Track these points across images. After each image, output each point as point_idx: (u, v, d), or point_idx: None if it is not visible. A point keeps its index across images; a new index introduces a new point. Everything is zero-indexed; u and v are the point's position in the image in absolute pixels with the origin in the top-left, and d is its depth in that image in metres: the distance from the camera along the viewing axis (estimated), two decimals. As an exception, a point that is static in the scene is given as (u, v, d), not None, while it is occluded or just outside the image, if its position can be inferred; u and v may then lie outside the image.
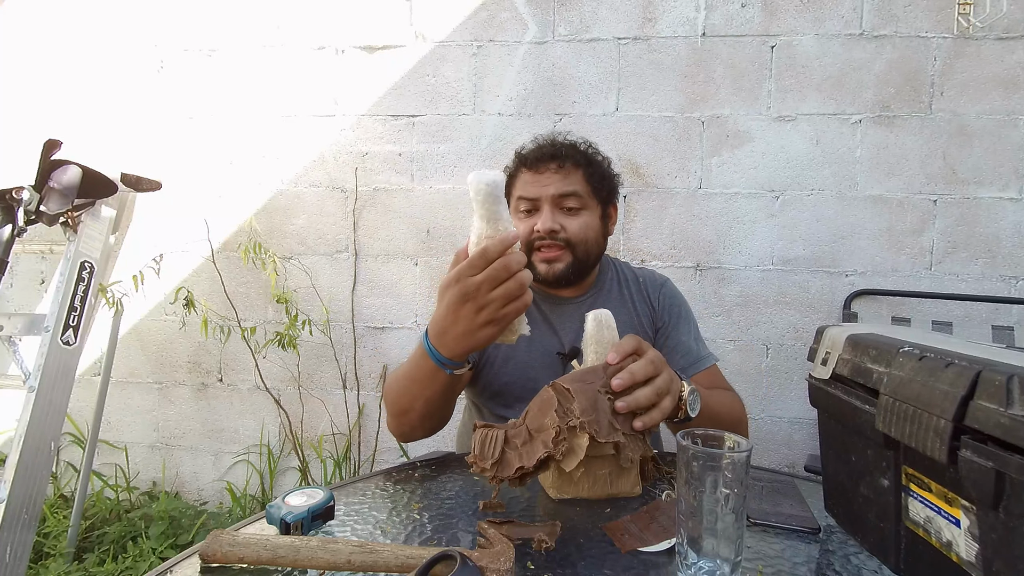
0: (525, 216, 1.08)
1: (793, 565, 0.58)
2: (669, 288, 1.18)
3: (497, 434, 0.67)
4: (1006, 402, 0.40)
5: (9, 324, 1.63)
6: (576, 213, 1.06)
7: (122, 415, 2.11)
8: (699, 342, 1.15)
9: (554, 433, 0.64)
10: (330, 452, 2.01)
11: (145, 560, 1.69)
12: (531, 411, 0.70)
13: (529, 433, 0.68)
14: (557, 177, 1.06)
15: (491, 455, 0.65)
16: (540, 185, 1.06)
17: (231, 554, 0.54)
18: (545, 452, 0.64)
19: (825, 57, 1.74)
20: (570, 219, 1.05)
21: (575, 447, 0.65)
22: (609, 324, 0.77)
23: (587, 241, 1.06)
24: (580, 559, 0.58)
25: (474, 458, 0.66)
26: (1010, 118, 1.68)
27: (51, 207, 1.57)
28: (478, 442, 0.67)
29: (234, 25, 1.97)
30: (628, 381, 0.68)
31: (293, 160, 1.98)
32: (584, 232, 1.06)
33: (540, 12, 1.84)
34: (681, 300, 1.18)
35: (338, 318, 1.99)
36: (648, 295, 1.16)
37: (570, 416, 0.66)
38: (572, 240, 1.05)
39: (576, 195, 1.06)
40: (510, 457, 0.66)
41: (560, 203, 1.05)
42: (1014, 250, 1.70)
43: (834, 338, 0.64)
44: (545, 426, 0.66)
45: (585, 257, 1.07)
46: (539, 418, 0.68)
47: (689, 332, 1.14)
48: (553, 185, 1.05)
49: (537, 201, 1.06)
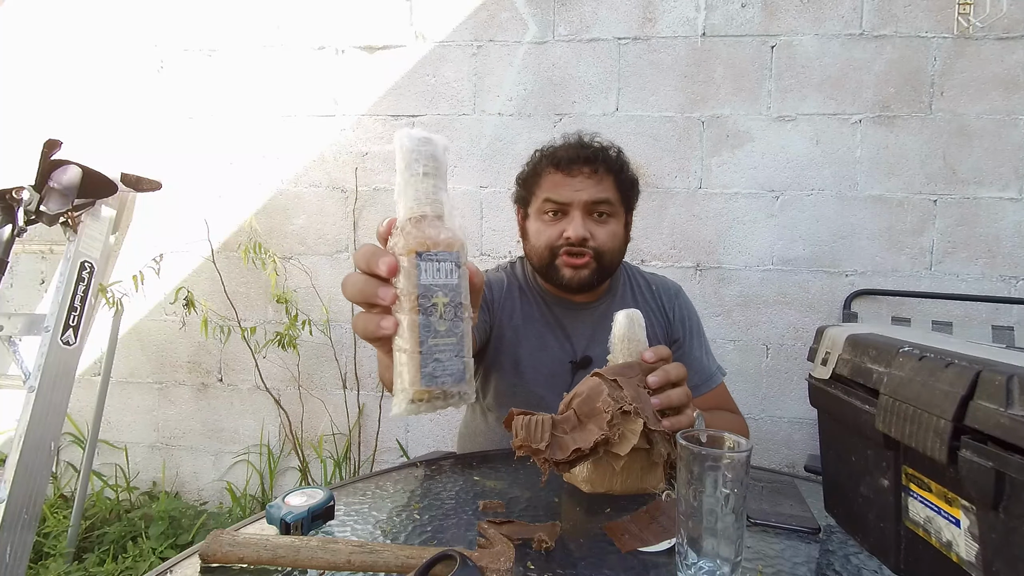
0: (551, 219, 1.04)
1: (793, 565, 0.58)
2: (683, 299, 1.17)
3: (543, 419, 0.67)
4: (1006, 402, 0.40)
5: (9, 324, 1.63)
6: (605, 221, 1.04)
7: (122, 415, 2.11)
8: (709, 356, 1.14)
9: (609, 416, 0.65)
10: (330, 452, 2.01)
11: (145, 560, 1.69)
12: (578, 397, 0.71)
13: (578, 418, 0.68)
14: (590, 183, 1.02)
15: (541, 438, 0.65)
16: (572, 189, 1.02)
17: (231, 554, 0.54)
18: (602, 434, 0.64)
19: (825, 57, 1.74)
20: (599, 227, 1.03)
21: (627, 432, 0.66)
22: (641, 323, 0.77)
23: (613, 250, 1.05)
24: (580, 559, 0.58)
25: (522, 441, 0.64)
26: (1010, 118, 1.68)
27: (51, 207, 1.57)
28: (522, 426, 0.65)
29: (234, 25, 1.97)
30: (663, 379, 0.71)
31: (293, 160, 1.98)
32: (612, 241, 1.04)
33: (540, 12, 1.84)
34: (694, 312, 1.17)
35: (338, 318, 1.99)
36: (663, 304, 1.14)
37: (622, 402, 0.67)
38: (600, 249, 1.02)
39: (607, 203, 1.03)
40: (563, 440, 0.66)
41: (591, 209, 1.02)
42: (1014, 250, 1.70)
43: (834, 338, 0.64)
44: (597, 410, 0.67)
45: (610, 266, 1.06)
46: (589, 403, 0.69)
47: (701, 347, 1.13)
48: (586, 191, 1.01)
49: (567, 206, 1.02)
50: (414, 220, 0.46)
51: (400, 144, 0.47)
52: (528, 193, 1.09)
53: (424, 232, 0.45)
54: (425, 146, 0.47)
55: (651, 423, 0.67)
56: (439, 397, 0.46)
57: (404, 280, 0.45)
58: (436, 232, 0.46)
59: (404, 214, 0.47)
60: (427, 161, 0.47)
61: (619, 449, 0.66)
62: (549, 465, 0.65)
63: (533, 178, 1.08)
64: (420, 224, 0.46)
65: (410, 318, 0.45)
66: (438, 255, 0.45)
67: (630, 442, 0.66)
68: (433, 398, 0.46)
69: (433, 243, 0.45)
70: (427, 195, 0.47)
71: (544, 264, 1.05)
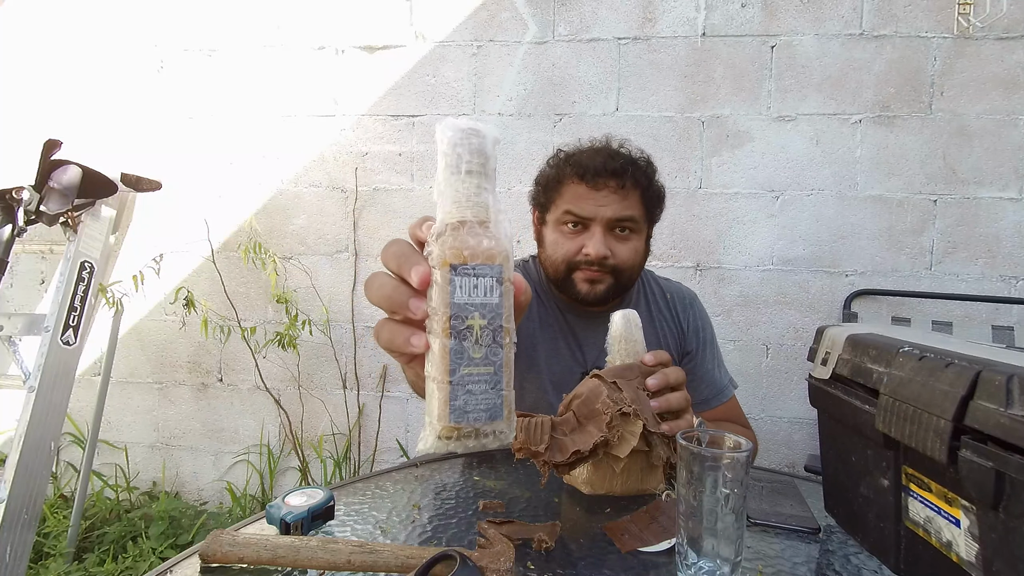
0: (571, 232, 1.01)
1: (793, 565, 0.58)
2: (698, 308, 1.14)
3: (542, 420, 0.67)
4: (1006, 402, 0.40)
5: (9, 324, 1.63)
6: (627, 238, 1.01)
7: (122, 415, 2.11)
8: (722, 369, 1.13)
9: (608, 418, 0.65)
10: (330, 452, 2.01)
11: (145, 560, 1.69)
12: (577, 398, 0.71)
13: (577, 420, 0.68)
14: (615, 198, 0.98)
15: (540, 440, 0.64)
16: (596, 204, 0.98)
17: (231, 554, 0.54)
18: (601, 436, 0.64)
19: (825, 57, 1.74)
20: (620, 244, 1.00)
21: (627, 434, 0.66)
22: (637, 323, 0.77)
23: (633, 267, 1.03)
24: (580, 559, 0.58)
25: (521, 443, 0.64)
26: (1010, 118, 1.68)
27: (51, 207, 1.57)
28: (522, 428, 0.65)
29: (234, 25, 1.97)
30: (662, 382, 0.71)
31: (293, 160, 1.98)
32: (632, 259, 1.01)
33: (540, 12, 1.84)
34: (708, 323, 1.15)
35: (338, 318, 1.99)
36: (677, 314, 1.13)
37: (621, 404, 0.67)
38: (619, 267, 1.00)
39: (632, 220, 0.99)
40: (563, 442, 0.66)
41: (613, 225, 0.99)
42: (1014, 250, 1.70)
43: (834, 338, 0.64)
44: (597, 412, 0.67)
45: (628, 282, 1.04)
46: (588, 405, 0.69)
47: (714, 359, 1.12)
48: (610, 207, 0.97)
49: (589, 221, 0.99)
50: (452, 226, 0.40)
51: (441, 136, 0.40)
52: (547, 200, 1.05)
53: (462, 241, 0.39)
54: (471, 138, 0.40)
55: (650, 425, 0.67)
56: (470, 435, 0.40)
57: (436, 296, 0.39)
58: (476, 241, 0.39)
59: (441, 218, 0.41)
60: (472, 156, 0.40)
61: (619, 451, 0.66)
62: (549, 467, 0.65)
63: (555, 184, 1.03)
64: (458, 231, 0.39)
65: (440, 342, 0.39)
66: (476, 269, 0.39)
67: (629, 444, 0.66)
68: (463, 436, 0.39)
69: (471, 254, 0.39)
70: (469, 197, 0.40)
71: (560, 277, 1.03)
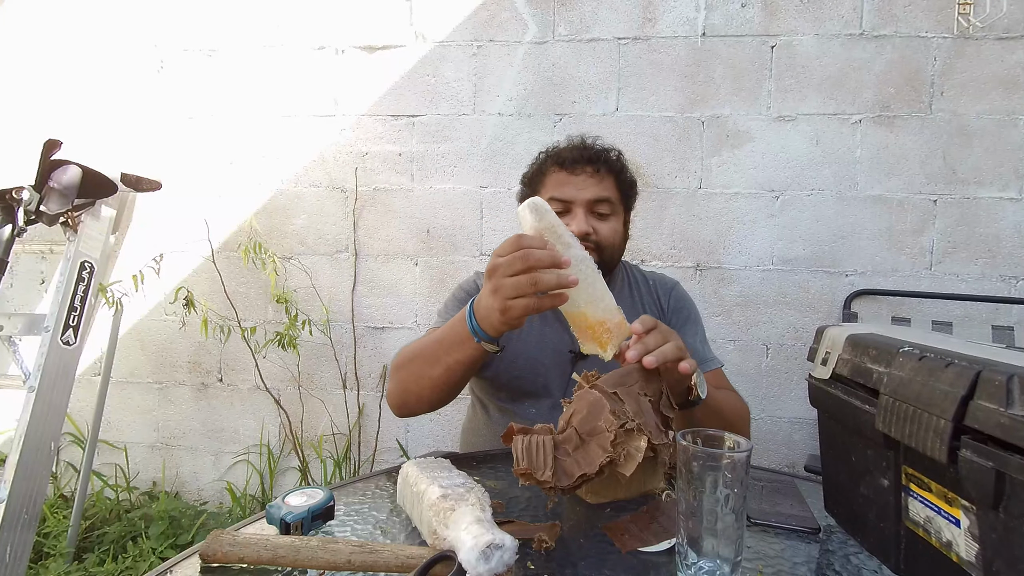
0: None
1: (793, 565, 0.58)
2: (679, 291, 1.20)
3: (544, 440, 0.64)
4: (1006, 402, 0.40)
5: (9, 324, 1.63)
6: (606, 218, 1.09)
7: (122, 415, 2.11)
8: (705, 345, 1.16)
9: (612, 436, 0.63)
10: (330, 452, 2.01)
11: (145, 560, 1.69)
12: (577, 414, 0.67)
13: (580, 437, 0.65)
14: (592, 181, 1.07)
15: (544, 464, 0.62)
16: (576, 188, 1.07)
17: (231, 554, 0.54)
18: (607, 456, 0.62)
19: (825, 57, 1.74)
20: (601, 223, 1.08)
21: (632, 451, 0.64)
22: (546, 207, 0.76)
23: (614, 245, 1.10)
24: (580, 559, 0.58)
25: (524, 469, 0.61)
26: (1010, 118, 1.68)
27: (51, 207, 1.57)
28: (523, 451, 0.62)
29: (234, 25, 1.97)
30: (642, 352, 0.72)
31: (293, 160, 1.98)
32: (613, 237, 1.09)
33: (540, 12, 1.84)
34: (690, 303, 1.19)
35: (338, 318, 1.99)
36: (658, 297, 1.17)
37: (624, 419, 0.64)
38: (602, 243, 1.07)
39: (608, 201, 1.08)
40: (567, 465, 0.63)
41: (593, 207, 1.07)
42: (1014, 250, 1.70)
43: (834, 338, 0.64)
44: (599, 429, 0.64)
45: (611, 260, 1.10)
46: (590, 421, 0.66)
47: (696, 335, 1.15)
48: (589, 189, 1.07)
49: (570, 203, 1.07)
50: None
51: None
52: (533, 192, 1.12)
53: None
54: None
55: (654, 438, 0.65)
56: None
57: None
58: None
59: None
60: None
61: (624, 469, 0.64)
62: (555, 492, 0.63)
63: (538, 177, 1.12)
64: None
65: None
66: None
67: (635, 460, 0.63)
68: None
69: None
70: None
71: None
